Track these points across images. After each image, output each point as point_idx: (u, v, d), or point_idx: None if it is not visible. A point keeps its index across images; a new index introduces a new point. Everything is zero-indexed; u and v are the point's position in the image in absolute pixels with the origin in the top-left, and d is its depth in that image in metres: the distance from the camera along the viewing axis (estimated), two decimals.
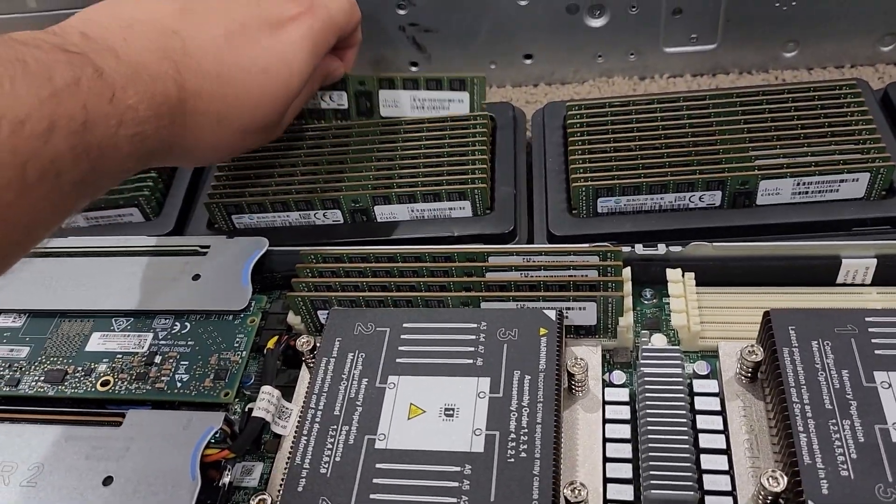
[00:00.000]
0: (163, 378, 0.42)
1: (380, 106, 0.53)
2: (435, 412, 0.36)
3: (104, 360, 0.43)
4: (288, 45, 0.41)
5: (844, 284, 0.42)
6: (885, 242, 0.40)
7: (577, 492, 0.33)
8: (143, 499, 0.36)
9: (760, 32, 0.57)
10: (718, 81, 0.58)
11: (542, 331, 0.38)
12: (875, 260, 0.41)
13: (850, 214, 0.44)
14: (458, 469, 0.34)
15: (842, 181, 0.44)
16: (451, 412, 0.36)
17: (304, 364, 0.42)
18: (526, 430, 0.35)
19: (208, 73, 0.38)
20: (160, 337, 0.44)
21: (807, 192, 0.45)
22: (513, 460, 0.34)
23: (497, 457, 0.34)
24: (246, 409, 0.40)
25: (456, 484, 0.33)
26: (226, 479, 0.38)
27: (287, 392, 0.41)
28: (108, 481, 0.37)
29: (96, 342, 0.44)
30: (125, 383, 0.42)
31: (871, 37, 0.56)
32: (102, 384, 0.42)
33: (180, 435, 0.38)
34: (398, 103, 0.52)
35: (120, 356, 0.43)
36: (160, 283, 0.45)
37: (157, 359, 0.43)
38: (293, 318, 0.43)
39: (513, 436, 0.34)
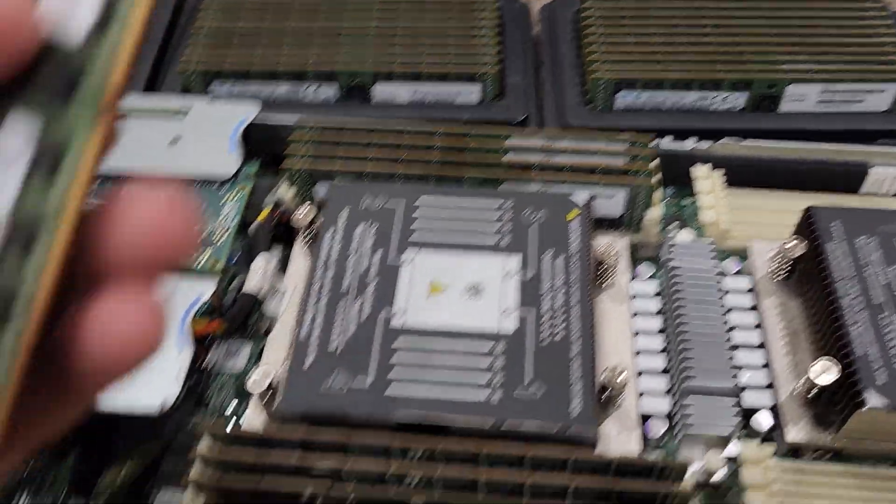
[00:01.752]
0: None
1: None
2: (458, 290, 0.33)
3: None
4: None
5: (867, 194, 0.40)
6: None
7: (618, 375, 0.30)
8: None
9: None
10: None
11: (573, 213, 0.35)
12: None
13: (877, 125, 0.43)
14: (487, 349, 0.31)
15: (868, 91, 0.43)
16: (477, 291, 0.33)
17: (297, 242, 0.38)
18: (563, 311, 0.32)
19: None
20: None
21: (831, 101, 0.43)
22: (548, 342, 0.31)
23: (530, 337, 0.31)
24: (232, 287, 0.36)
25: (486, 365, 0.30)
26: (211, 359, 0.34)
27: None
28: None
29: None
30: None
31: None
32: None
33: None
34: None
35: None
36: (132, 147, 0.40)
37: None
38: (285, 192, 0.39)
39: (547, 316, 0.32)
